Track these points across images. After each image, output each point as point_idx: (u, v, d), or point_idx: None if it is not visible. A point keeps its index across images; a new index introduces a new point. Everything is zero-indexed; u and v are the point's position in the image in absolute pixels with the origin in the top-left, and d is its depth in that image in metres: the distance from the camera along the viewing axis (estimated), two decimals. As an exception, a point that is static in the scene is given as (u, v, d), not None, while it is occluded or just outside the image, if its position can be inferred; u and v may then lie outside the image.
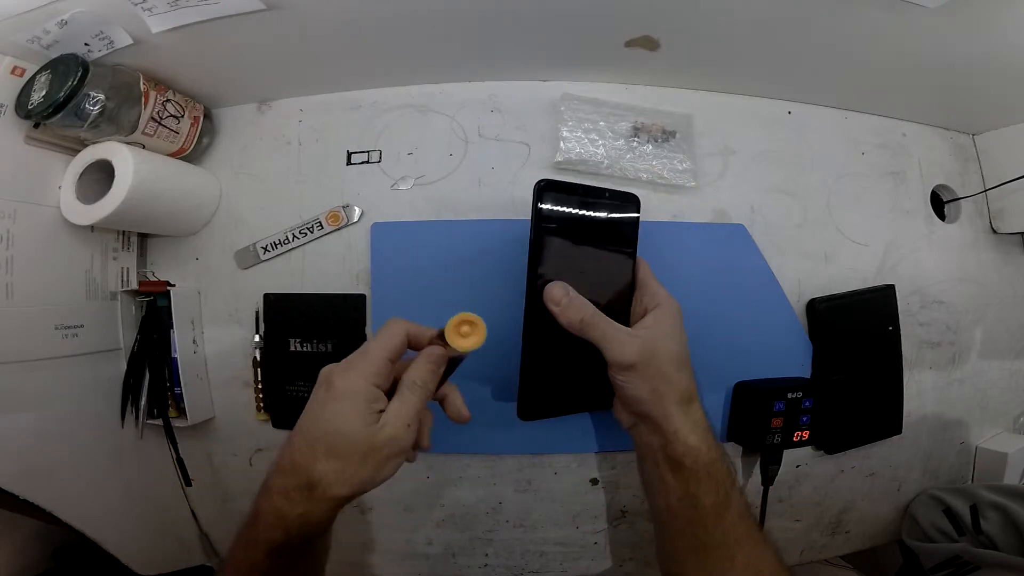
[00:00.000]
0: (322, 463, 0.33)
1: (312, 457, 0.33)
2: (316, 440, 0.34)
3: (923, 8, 0.41)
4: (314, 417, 0.35)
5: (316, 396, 0.36)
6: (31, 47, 0.44)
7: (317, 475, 0.33)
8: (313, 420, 0.35)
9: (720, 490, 0.38)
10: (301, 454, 0.34)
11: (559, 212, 0.40)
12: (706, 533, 0.38)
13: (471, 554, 0.56)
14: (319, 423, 0.34)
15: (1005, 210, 0.60)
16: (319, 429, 0.34)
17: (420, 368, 0.37)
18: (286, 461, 0.34)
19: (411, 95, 0.55)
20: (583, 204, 0.41)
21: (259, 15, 0.42)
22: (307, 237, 0.54)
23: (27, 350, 0.46)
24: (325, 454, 0.33)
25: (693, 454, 0.38)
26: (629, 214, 0.43)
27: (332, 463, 0.33)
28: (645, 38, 0.48)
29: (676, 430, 0.38)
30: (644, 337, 0.39)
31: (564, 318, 0.39)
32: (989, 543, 0.50)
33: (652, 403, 0.39)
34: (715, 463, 0.38)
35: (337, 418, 0.34)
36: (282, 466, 0.35)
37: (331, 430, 0.34)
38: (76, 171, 0.48)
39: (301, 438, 0.35)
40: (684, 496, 0.38)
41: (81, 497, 0.51)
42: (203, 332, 0.56)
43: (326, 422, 0.34)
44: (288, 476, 0.34)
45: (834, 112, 0.58)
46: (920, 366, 0.58)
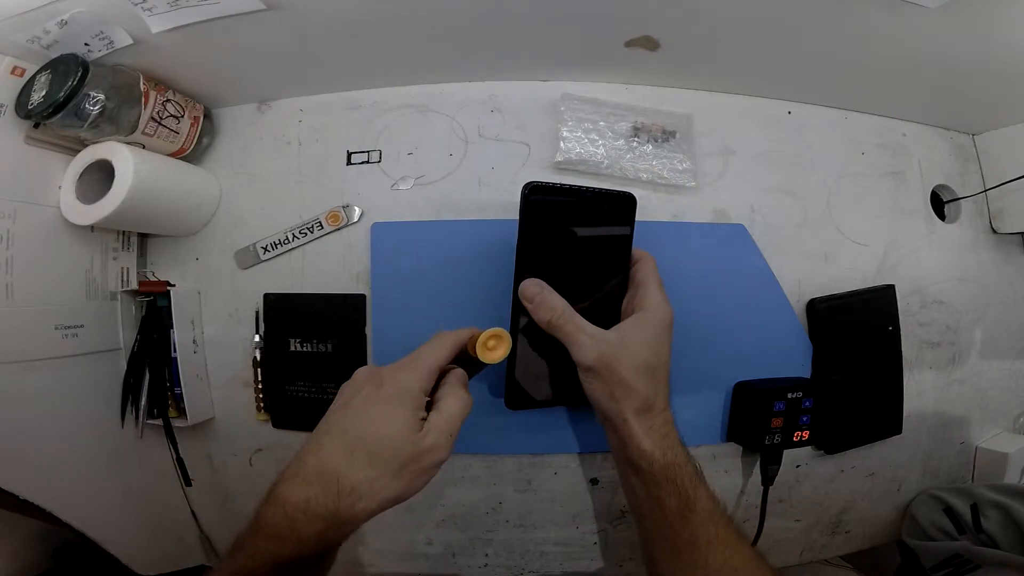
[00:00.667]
0: (358, 470, 0.30)
1: (348, 462, 0.31)
2: (357, 442, 0.31)
3: (923, 8, 0.41)
4: (356, 416, 0.32)
5: (361, 394, 0.34)
6: (31, 47, 0.44)
7: (350, 485, 0.30)
8: (354, 419, 0.32)
9: (681, 493, 0.38)
10: (333, 458, 0.31)
11: (546, 214, 0.40)
12: (674, 534, 0.38)
13: (471, 554, 0.56)
14: (362, 422, 0.32)
15: (1005, 210, 0.60)
16: (361, 430, 0.32)
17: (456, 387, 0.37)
18: (310, 467, 0.31)
19: (411, 95, 0.55)
20: (571, 206, 0.41)
21: (259, 15, 0.42)
22: (307, 237, 0.54)
23: (27, 350, 0.46)
24: (364, 460, 0.31)
25: (648, 458, 0.38)
26: (622, 215, 0.43)
27: (369, 471, 0.31)
28: (645, 38, 0.48)
29: (631, 435, 0.39)
30: (609, 341, 0.39)
31: (535, 316, 0.40)
32: (990, 542, 0.50)
33: (608, 407, 0.40)
34: (672, 468, 0.38)
35: (385, 420, 0.32)
36: (303, 473, 0.31)
37: (375, 431, 0.32)
38: (76, 171, 0.48)
39: (335, 440, 0.32)
40: (648, 497, 0.39)
41: (81, 497, 0.51)
42: (203, 332, 0.56)
43: (372, 422, 0.32)
44: (312, 485, 0.30)
45: (834, 112, 0.58)
46: (920, 366, 0.58)
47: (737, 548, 0.38)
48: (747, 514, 0.56)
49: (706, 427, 0.54)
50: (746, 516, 0.56)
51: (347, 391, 0.36)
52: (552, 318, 0.39)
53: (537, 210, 0.40)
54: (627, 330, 0.40)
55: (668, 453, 0.39)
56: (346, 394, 0.36)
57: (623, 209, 0.42)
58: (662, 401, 0.40)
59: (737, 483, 0.56)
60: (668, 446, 0.39)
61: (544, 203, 0.40)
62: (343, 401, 0.35)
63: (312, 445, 0.32)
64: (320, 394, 0.54)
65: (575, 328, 0.39)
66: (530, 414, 0.52)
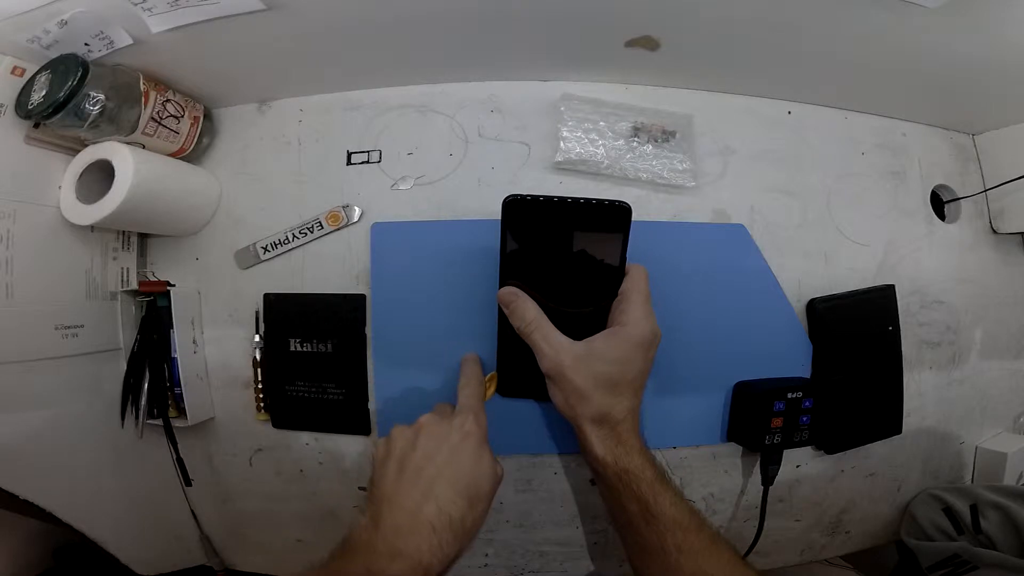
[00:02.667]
0: (470, 510, 0.36)
1: (464, 505, 0.35)
2: (465, 488, 0.36)
3: (923, 8, 0.41)
4: (459, 465, 0.37)
5: (452, 442, 0.38)
6: (31, 47, 0.44)
7: (460, 520, 0.35)
8: (458, 468, 0.37)
9: (639, 499, 0.39)
10: (454, 506, 0.35)
11: (526, 223, 0.40)
12: (641, 537, 0.40)
13: (471, 554, 0.56)
14: (465, 469, 0.37)
15: (1005, 210, 0.60)
16: (468, 476, 0.37)
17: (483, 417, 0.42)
18: (429, 513, 0.34)
19: (411, 95, 0.55)
20: (553, 216, 0.40)
21: (259, 15, 0.42)
22: (307, 237, 0.54)
23: (27, 350, 0.46)
24: (470, 500, 0.36)
25: (601, 463, 0.41)
26: (613, 224, 0.40)
27: (475, 508, 0.36)
28: (645, 38, 0.48)
29: (586, 439, 0.41)
30: (570, 352, 0.41)
31: (511, 321, 0.43)
32: (988, 543, 0.50)
33: (565, 412, 0.42)
34: (626, 473, 0.40)
35: (473, 466, 0.37)
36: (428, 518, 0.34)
37: (477, 475, 0.37)
38: (76, 171, 0.48)
39: (448, 488, 0.35)
40: (611, 500, 0.42)
41: (81, 497, 0.51)
42: (203, 332, 0.56)
43: (474, 467, 0.37)
44: (442, 532, 0.34)
45: (834, 112, 0.58)
46: (920, 366, 0.58)
47: (711, 554, 0.38)
48: (747, 514, 0.56)
49: (706, 427, 0.54)
50: (746, 516, 0.56)
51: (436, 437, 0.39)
52: (521, 326, 0.42)
53: (515, 220, 0.40)
54: (596, 343, 0.41)
55: (621, 460, 0.40)
56: (421, 445, 0.38)
57: (615, 218, 0.40)
58: (621, 413, 0.41)
59: (737, 483, 0.56)
60: (621, 453, 0.41)
61: (523, 214, 0.40)
62: (424, 453, 0.38)
63: (420, 496, 0.36)
64: (320, 394, 0.54)
65: (540, 337, 0.41)
66: (531, 414, 0.52)
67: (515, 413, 0.51)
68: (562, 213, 0.40)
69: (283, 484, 0.57)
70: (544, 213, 0.40)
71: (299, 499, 0.57)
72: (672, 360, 0.49)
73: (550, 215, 0.40)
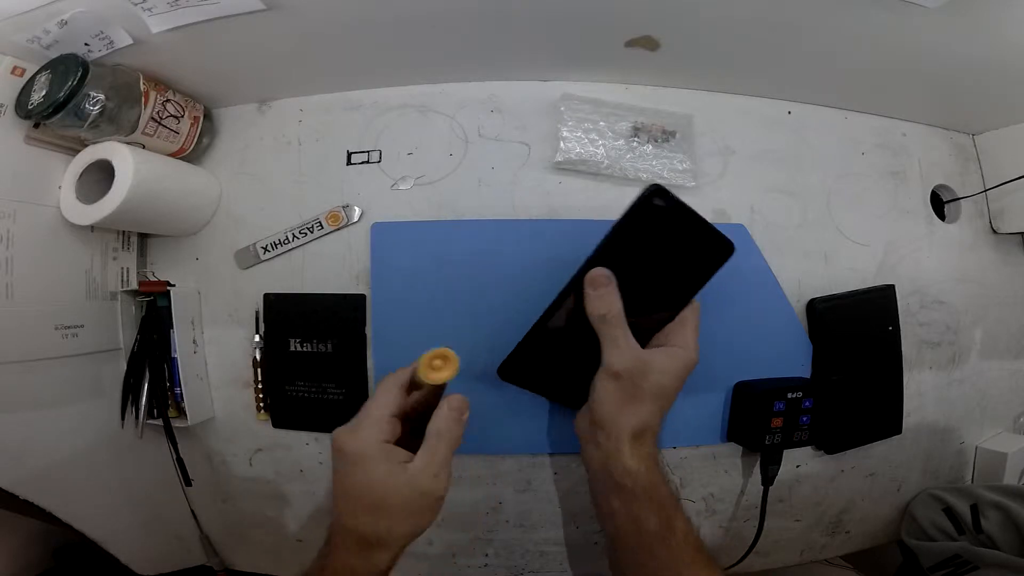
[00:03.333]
0: (370, 523, 0.36)
1: (358, 520, 0.36)
2: (356, 504, 0.36)
3: (923, 8, 0.41)
4: (345, 484, 0.37)
5: (336, 465, 0.38)
6: (31, 47, 0.44)
7: (371, 534, 0.36)
8: (346, 487, 0.37)
9: (662, 513, 0.39)
10: (350, 518, 0.36)
11: (651, 220, 0.40)
12: (652, 558, 0.39)
13: (471, 554, 0.56)
14: (352, 489, 0.37)
15: (1005, 210, 0.60)
16: (352, 492, 0.37)
17: (443, 418, 0.38)
18: (339, 525, 0.37)
19: (411, 95, 0.55)
20: (676, 224, 0.41)
21: (259, 15, 0.42)
22: (307, 237, 0.54)
23: (27, 350, 0.46)
24: (369, 514, 0.36)
25: (632, 475, 0.39)
26: (713, 256, 0.42)
27: (380, 521, 0.36)
28: (645, 38, 0.48)
29: (618, 450, 0.40)
30: (642, 357, 0.40)
31: (591, 304, 0.40)
32: (989, 542, 0.50)
33: (611, 418, 0.40)
34: (655, 487, 0.40)
35: (364, 480, 0.36)
36: (339, 528, 0.37)
37: (363, 490, 0.36)
38: (76, 171, 0.48)
39: (344, 503, 0.37)
40: (628, 519, 0.40)
41: (81, 497, 0.51)
42: (203, 332, 0.56)
43: (356, 487, 0.36)
44: (347, 536, 0.36)
45: (834, 112, 0.58)
46: (920, 366, 0.58)
47: (712, 571, 0.38)
48: (747, 514, 0.56)
49: (706, 427, 0.54)
50: (746, 516, 0.56)
51: (332, 459, 0.39)
52: (608, 314, 0.39)
53: (646, 213, 0.40)
54: (659, 355, 0.41)
55: (652, 473, 0.40)
56: (334, 461, 0.39)
57: (717, 252, 0.42)
58: (654, 432, 0.41)
59: (737, 483, 0.56)
60: (650, 467, 0.40)
61: (655, 209, 0.40)
62: (336, 468, 0.38)
63: (333, 507, 0.38)
64: (320, 394, 0.54)
65: (622, 332, 0.40)
66: (531, 415, 0.52)
67: (515, 414, 0.51)
68: (687, 226, 0.40)
69: (283, 484, 0.57)
70: (673, 218, 0.40)
71: (299, 499, 0.57)
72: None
73: (677, 222, 0.40)
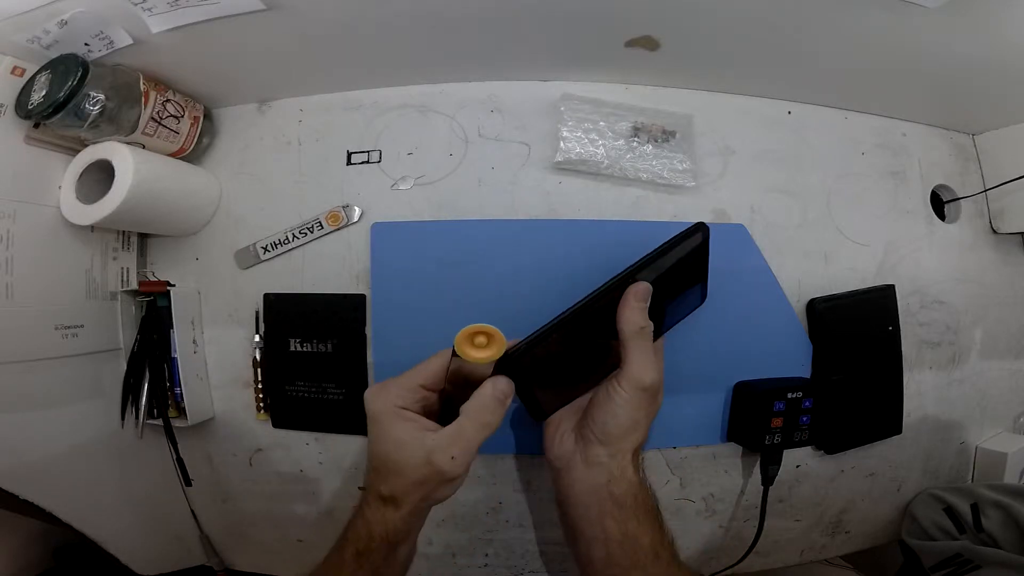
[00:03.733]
0: (382, 482, 0.36)
1: (377, 476, 0.37)
2: (374, 462, 0.37)
3: (923, 8, 0.41)
4: (369, 442, 0.38)
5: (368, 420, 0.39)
6: (31, 47, 0.44)
7: (388, 490, 0.36)
8: (370, 445, 0.38)
9: (654, 526, 0.39)
10: (369, 472, 0.38)
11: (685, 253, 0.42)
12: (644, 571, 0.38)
13: (471, 554, 0.56)
14: (372, 447, 0.38)
15: (1005, 210, 0.60)
16: (374, 453, 0.37)
17: (479, 398, 0.36)
18: (366, 481, 0.39)
19: (411, 95, 0.55)
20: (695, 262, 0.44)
21: (259, 15, 0.42)
22: (307, 237, 0.54)
23: (27, 350, 0.46)
24: (385, 475, 0.36)
25: (634, 489, 0.39)
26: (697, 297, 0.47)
27: (394, 483, 0.36)
28: (645, 38, 0.48)
29: (624, 466, 0.39)
30: (662, 375, 0.40)
31: (634, 315, 0.38)
32: (991, 541, 0.50)
33: (622, 433, 0.39)
34: (649, 500, 0.41)
35: (380, 440, 0.37)
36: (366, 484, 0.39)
37: (381, 454, 0.36)
38: (76, 171, 0.48)
39: (369, 461, 0.38)
40: (623, 539, 0.39)
41: (81, 497, 0.51)
42: (203, 332, 0.56)
43: (374, 443, 0.37)
44: (370, 492, 0.38)
45: (834, 112, 0.58)
46: (920, 366, 0.58)
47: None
48: (747, 514, 0.56)
49: (706, 427, 0.54)
50: (746, 516, 0.56)
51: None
52: (643, 327, 0.38)
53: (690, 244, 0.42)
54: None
55: (647, 485, 0.41)
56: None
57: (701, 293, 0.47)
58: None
59: (737, 483, 0.56)
60: (644, 478, 0.41)
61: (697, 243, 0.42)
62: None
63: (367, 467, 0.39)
64: (320, 394, 0.54)
65: (651, 345, 0.39)
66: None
67: (515, 414, 0.51)
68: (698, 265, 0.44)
69: (283, 484, 0.57)
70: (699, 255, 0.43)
71: (299, 499, 0.57)
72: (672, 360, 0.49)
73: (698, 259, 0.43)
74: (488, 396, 0.36)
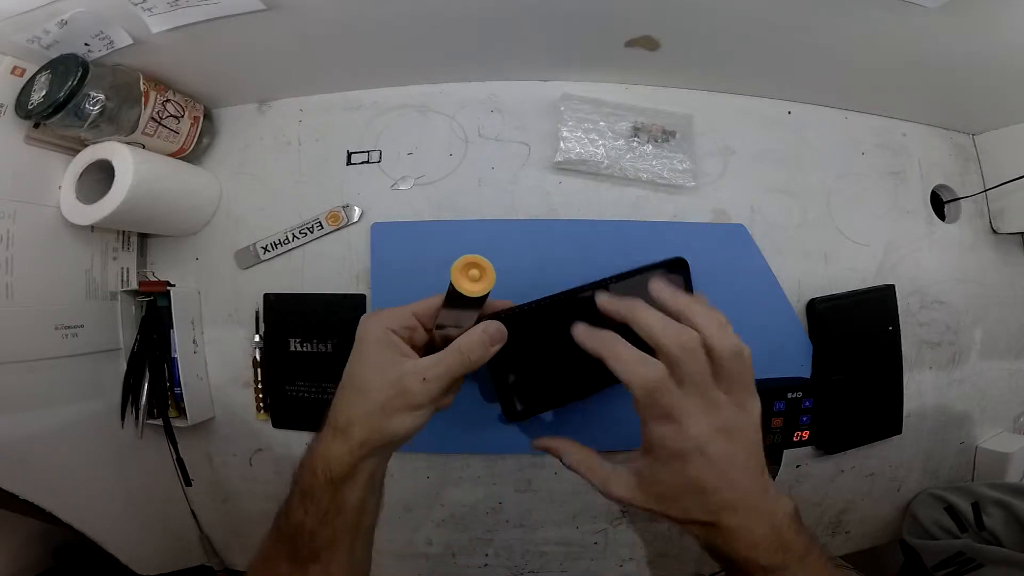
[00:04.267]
0: (345, 402, 0.35)
1: (341, 397, 0.36)
2: (343, 385, 0.36)
3: (923, 8, 0.41)
4: (349, 364, 0.37)
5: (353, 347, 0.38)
6: (31, 47, 0.44)
7: (343, 415, 0.35)
8: (347, 367, 0.37)
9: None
10: (335, 397, 0.36)
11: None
12: None
13: (471, 554, 0.56)
14: (348, 368, 0.37)
15: (1005, 210, 0.60)
16: (346, 374, 0.37)
17: (468, 334, 0.36)
18: (330, 408, 0.37)
19: (411, 95, 0.55)
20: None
21: (259, 15, 0.42)
22: (307, 237, 0.54)
23: (27, 350, 0.46)
24: (347, 399, 0.35)
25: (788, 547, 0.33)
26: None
27: (352, 406, 0.35)
28: (645, 38, 0.48)
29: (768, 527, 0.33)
30: None
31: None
32: (993, 539, 0.50)
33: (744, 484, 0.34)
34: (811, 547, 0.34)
35: (357, 360, 0.36)
36: (327, 413, 0.37)
37: (352, 373, 0.36)
38: (76, 171, 0.48)
39: (339, 390, 0.37)
40: None
41: (81, 497, 0.51)
42: (203, 332, 0.56)
43: (350, 364, 0.36)
44: (328, 420, 0.36)
45: (834, 112, 0.58)
46: (920, 366, 0.58)
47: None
48: (747, 514, 0.56)
49: (706, 427, 0.54)
50: (746, 516, 0.56)
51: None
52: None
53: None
54: None
55: (806, 534, 0.37)
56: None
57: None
58: None
59: (737, 483, 0.56)
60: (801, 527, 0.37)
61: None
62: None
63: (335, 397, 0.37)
64: (320, 394, 0.54)
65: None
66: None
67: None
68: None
69: (283, 484, 0.56)
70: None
71: (299, 499, 0.57)
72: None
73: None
74: (479, 331, 0.36)
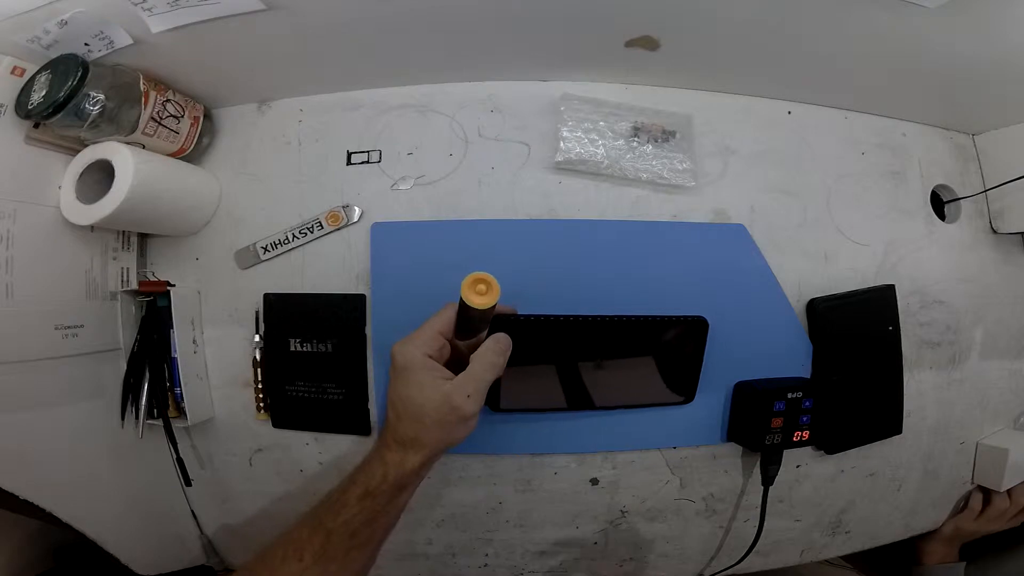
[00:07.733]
0: (407, 428, 0.39)
1: (399, 424, 0.39)
2: (397, 408, 0.40)
3: (923, 8, 0.41)
4: (392, 390, 0.40)
5: (390, 372, 0.41)
6: (31, 47, 0.44)
7: (408, 437, 0.39)
8: (393, 392, 0.40)
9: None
10: (394, 420, 0.40)
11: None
12: None
13: (471, 554, 0.56)
14: (396, 394, 0.40)
15: (1005, 210, 0.60)
16: (397, 398, 0.40)
17: (486, 346, 0.41)
18: (386, 425, 0.41)
19: (411, 95, 0.55)
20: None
21: (259, 15, 0.42)
22: (307, 237, 0.54)
23: (27, 350, 0.46)
24: (407, 419, 0.39)
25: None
26: None
27: (414, 425, 0.39)
28: (645, 38, 0.48)
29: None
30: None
31: None
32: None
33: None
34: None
35: (405, 386, 0.39)
36: (385, 428, 0.41)
37: (405, 398, 0.39)
38: (76, 171, 0.48)
39: (391, 408, 0.40)
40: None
41: (81, 497, 0.51)
42: (203, 332, 0.56)
43: (400, 389, 0.40)
44: (389, 434, 0.40)
45: (834, 112, 0.58)
46: (920, 366, 0.58)
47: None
48: (747, 514, 0.56)
49: (706, 427, 0.54)
50: (746, 516, 0.56)
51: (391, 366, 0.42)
52: None
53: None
54: None
55: None
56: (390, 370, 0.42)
57: None
58: None
59: (737, 483, 0.56)
60: None
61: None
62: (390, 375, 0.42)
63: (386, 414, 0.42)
64: (320, 394, 0.54)
65: None
66: (531, 414, 0.52)
67: (515, 414, 0.51)
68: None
69: (283, 484, 0.57)
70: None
71: (299, 499, 0.57)
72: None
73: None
74: (492, 342, 0.41)
